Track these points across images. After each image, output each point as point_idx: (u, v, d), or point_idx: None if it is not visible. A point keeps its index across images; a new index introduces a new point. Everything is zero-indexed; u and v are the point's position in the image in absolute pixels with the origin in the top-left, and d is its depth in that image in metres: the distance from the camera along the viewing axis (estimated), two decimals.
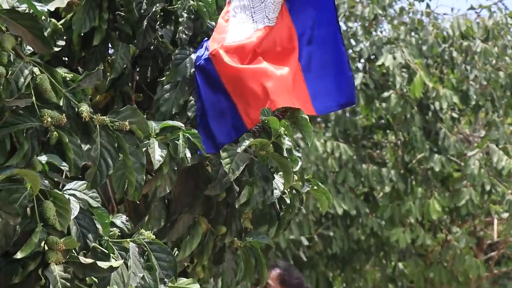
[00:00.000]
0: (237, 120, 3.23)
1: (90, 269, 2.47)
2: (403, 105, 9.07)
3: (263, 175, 3.39)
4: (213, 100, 3.26)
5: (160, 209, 3.35)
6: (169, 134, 3.09)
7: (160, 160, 3.00)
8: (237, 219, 3.56)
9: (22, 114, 2.42)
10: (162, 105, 3.31)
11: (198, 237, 3.43)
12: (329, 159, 9.11)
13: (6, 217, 2.27)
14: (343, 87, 3.37)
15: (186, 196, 3.38)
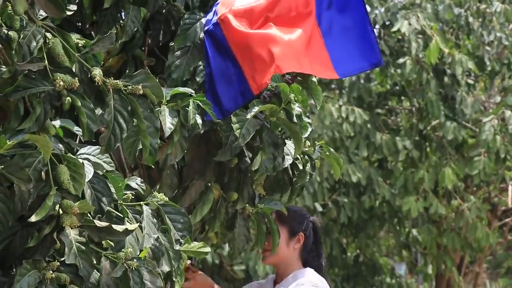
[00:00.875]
0: (243, 86, 3.22)
1: (105, 232, 2.49)
2: (418, 71, 9.01)
3: (273, 141, 3.39)
4: (221, 65, 3.24)
5: (172, 176, 3.36)
6: (180, 101, 3.08)
7: (171, 127, 2.99)
8: (249, 186, 3.56)
9: (34, 78, 2.41)
10: (173, 71, 3.29)
11: (209, 203, 3.44)
12: (344, 124, 9.09)
13: (18, 183, 2.27)
14: (367, 50, 3.34)
15: (198, 162, 3.38)
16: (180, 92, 3.09)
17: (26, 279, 2.33)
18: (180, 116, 3.05)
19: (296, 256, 3.78)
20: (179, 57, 3.31)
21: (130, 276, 2.55)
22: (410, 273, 15.82)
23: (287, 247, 3.75)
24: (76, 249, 2.44)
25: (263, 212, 3.57)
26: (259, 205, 3.57)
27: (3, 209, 2.27)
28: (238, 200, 3.51)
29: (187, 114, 3.04)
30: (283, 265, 3.79)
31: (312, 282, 3.68)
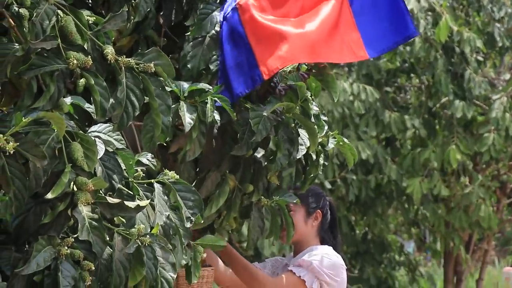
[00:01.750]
0: (254, 70, 3.23)
1: (117, 209, 2.51)
2: (427, 49, 8.98)
3: (288, 137, 3.42)
4: (234, 52, 3.25)
5: (189, 168, 3.38)
6: (198, 97, 3.10)
7: (191, 122, 3.02)
8: (264, 177, 3.58)
9: (47, 56, 2.43)
10: (188, 61, 3.30)
11: (225, 195, 3.46)
12: (355, 102, 9.09)
13: (33, 159, 2.30)
14: (399, 23, 3.31)
15: (214, 154, 3.40)
16: (198, 88, 3.11)
17: (42, 255, 2.36)
18: (198, 112, 3.07)
19: (314, 233, 3.85)
20: (194, 47, 3.31)
21: (143, 252, 2.58)
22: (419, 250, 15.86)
23: (305, 225, 3.82)
24: (89, 225, 2.46)
25: (278, 205, 3.60)
26: (274, 197, 3.60)
27: (19, 186, 2.30)
28: (254, 192, 3.54)
29: (204, 110, 3.07)
30: (301, 243, 3.85)
31: (325, 253, 3.72)
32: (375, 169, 9.39)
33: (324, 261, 3.68)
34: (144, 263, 2.58)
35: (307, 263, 3.65)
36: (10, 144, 2.23)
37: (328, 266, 3.67)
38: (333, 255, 3.76)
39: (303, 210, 3.82)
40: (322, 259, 3.68)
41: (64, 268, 2.39)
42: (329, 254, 3.74)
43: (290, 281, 3.64)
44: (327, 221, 3.90)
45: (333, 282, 3.66)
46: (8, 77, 2.44)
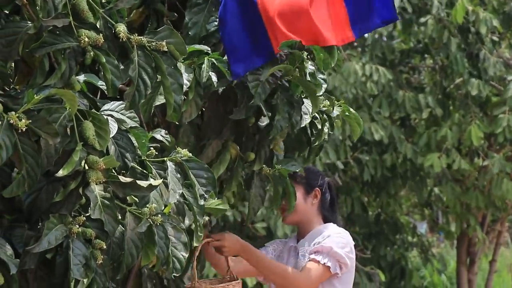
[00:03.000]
0: (266, 43, 3.18)
1: (130, 188, 2.51)
2: (440, 29, 8.91)
3: (288, 100, 3.38)
4: (244, 22, 3.20)
5: (189, 134, 3.36)
6: (196, 58, 3.08)
7: (187, 83, 2.99)
8: (266, 146, 3.55)
9: (59, 34, 2.42)
10: (190, 28, 3.27)
11: (225, 162, 3.43)
12: (368, 83, 9.04)
13: (45, 137, 2.29)
14: (382, 5, 3.29)
15: (216, 121, 3.37)
16: (196, 49, 3.08)
17: (53, 233, 2.37)
18: (195, 74, 3.04)
19: (315, 212, 3.79)
20: (196, 14, 3.28)
21: (154, 231, 2.58)
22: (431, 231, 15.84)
23: (305, 203, 3.76)
24: (101, 204, 2.46)
25: (280, 173, 3.57)
26: (277, 166, 3.58)
27: (32, 163, 2.30)
28: (256, 161, 3.50)
29: (201, 71, 3.04)
30: (303, 223, 3.80)
31: (337, 232, 3.70)
32: (390, 148, 9.34)
33: (341, 243, 3.65)
34: (156, 242, 2.58)
35: (327, 248, 3.61)
36: (22, 121, 2.23)
37: (345, 245, 3.65)
38: (345, 233, 3.73)
39: (302, 188, 3.74)
40: (339, 241, 3.65)
41: (75, 247, 2.40)
42: (341, 233, 3.70)
43: (319, 272, 3.59)
44: (327, 200, 3.84)
45: (350, 260, 3.65)
46: (21, 55, 2.44)
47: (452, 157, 9.08)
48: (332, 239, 3.65)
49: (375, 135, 8.86)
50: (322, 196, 3.81)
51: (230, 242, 3.56)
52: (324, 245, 3.62)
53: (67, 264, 2.38)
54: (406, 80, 9.86)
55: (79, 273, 2.38)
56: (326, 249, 3.61)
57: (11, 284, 2.33)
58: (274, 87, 3.30)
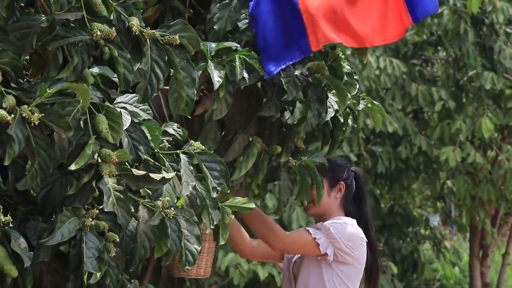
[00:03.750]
0: (303, 40, 3.14)
1: (143, 181, 2.51)
2: (455, 20, 8.86)
3: (318, 97, 3.39)
4: (279, 19, 3.15)
5: (215, 130, 3.37)
6: (225, 56, 3.07)
7: (220, 80, 2.99)
8: (292, 139, 3.57)
9: (72, 28, 2.43)
10: (215, 23, 3.25)
11: (253, 157, 3.44)
12: (381, 76, 9.01)
13: (58, 130, 2.30)
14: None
15: (241, 116, 3.38)
16: (225, 46, 3.08)
17: (67, 226, 2.38)
18: (226, 71, 3.04)
19: (337, 205, 3.80)
20: (221, 8, 3.27)
21: (167, 224, 2.59)
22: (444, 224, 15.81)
23: (329, 197, 3.78)
24: (114, 197, 2.47)
25: (307, 165, 3.58)
26: (302, 157, 3.59)
27: (45, 157, 2.31)
28: (282, 153, 3.52)
29: (232, 69, 3.03)
30: (324, 216, 3.81)
31: (344, 222, 3.69)
32: (404, 141, 9.32)
33: (343, 230, 3.63)
34: (169, 235, 2.59)
35: (325, 227, 3.61)
36: (35, 115, 2.24)
37: (347, 236, 3.62)
38: (354, 226, 3.69)
39: (326, 182, 3.75)
40: (342, 228, 3.64)
41: (88, 239, 2.40)
42: (348, 223, 3.69)
43: (304, 239, 3.60)
44: (351, 193, 3.84)
45: (350, 253, 3.61)
46: (35, 48, 2.44)
47: (466, 151, 9.05)
48: (335, 225, 3.65)
49: (389, 127, 8.85)
50: (346, 189, 3.82)
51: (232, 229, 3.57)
52: (324, 224, 3.63)
53: (81, 257, 2.39)
54: (419, 73, 9.83)
55: (92, 266, 2.39)
56: (324, 228, 3.62)
57: (25, 276, 2.34)
58: (305, 84, 3.30)
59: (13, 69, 2.31)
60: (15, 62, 2.31)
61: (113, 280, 2.48)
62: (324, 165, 3.65)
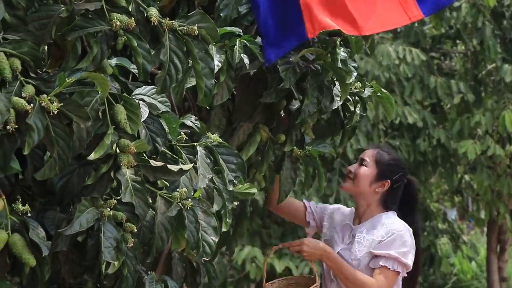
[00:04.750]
0: (300, 27, 3.14)
1: (160, 172, 2.51)
2: (474, 14, 8.81)
3: (318, 85, 3.37)
4: (278, 6, 3.17)
5: (220, 117, 3.36)
6: (228, 40, 3.07)
7: (219, 64, 2.98)
8: (297, 128, 3.54)
9: (91, 18, 2.42)
10: (222, 10, 3.26)
11: (255, 144, 3.43)
12: (401, 66, 8.98)
13: (77, 120, 2.30)
14: None
15: (247, 104, 3.37)
16: (228, 31, 3.07)
17: (85, 215, 2.38)
18: (227, 56, 3.04)
19: (377, 200, 3.73)
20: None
21: (185, 215, 2.59)
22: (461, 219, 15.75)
23: (369, 186, 3.71)
24: (132, 188, 2.47)
25: (311, 154, 3.57)
26: (307, 147, 3.57)
27: (63, 146, 2.31)
28: (286, 142, 3.50)
29: (233, 54, 3.03)
30: (360, 203, 3.76)
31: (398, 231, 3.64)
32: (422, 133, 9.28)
33: (404, 249, 3.60)
34: (186, 226, 2.59)
35: (394, 257, 3.58)
36: (54, 104, 2.24)
37: (409, 252, 3.62)
38: (407, 235, 3.64)
39: (374, 172, 3.71)
40: (401, 247, 3.60)
41: (106, 230, 2.41)
42: (403, 235, 3.63)
43: (390, 277, 3.59)
44: (395, 196, 3.75)
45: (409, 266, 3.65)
46: (53, 38, 2.45)
47: (486, 143, 9.00)
48: (396, 243, 3.61)
49: (408, 119, 8.82)
50: (390, 189, 3.73)
51: (309, 247, 3.60)
52: (391, 254, 3.58)
53: (98, 247, 2.39)
54: (437, 66, 9.78)
55: (110, 256, 2.39)
56: (393, 257, 3.59)
57: (43, 266, 2.35)
58: (305, 71, 3.29)
59: (32, 59, 2.31)
60: (34, 52, 2.31)
61: (130, 271, 2.48)
62: (384, 157, 3.67)
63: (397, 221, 3.68)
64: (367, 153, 3.79)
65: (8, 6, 2.34)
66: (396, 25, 3.25)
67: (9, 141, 2.26)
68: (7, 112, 2.19)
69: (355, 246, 3.67)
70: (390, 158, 3.71)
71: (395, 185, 3.73)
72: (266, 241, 8.69)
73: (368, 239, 3.66)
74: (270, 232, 8.74)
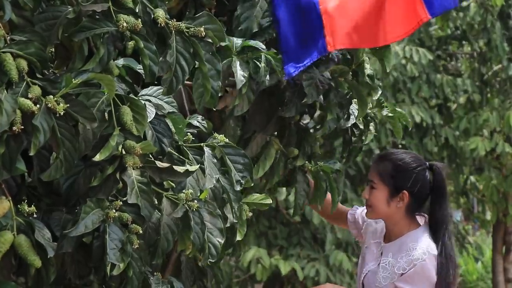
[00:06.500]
0: (320, 40, 3.11)
1: (166, 173, 2.51)
2: (482, 14, 8.80)
3: (339, 101, 3.37)
4: (300, 20, 3.13)
5: (234, 127, 3.36)
6: (250, 53, 3.06)
7: (243, 80, 2.99)
8: (310, 143, 3.55)
9: (98, 19, 2.42)
10: (242, 23, 3.24)
11: (271, 158, 3.43)
12: (407, 65, 8.97)
13: (83, 121, 2.30)
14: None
15: (260, 115, 3.37)
16: (250, 45, 3.07)
17: (90, 217, 2.38)
18: (250, 69, 3.04)
19: (401, 215, 3.38)
20: (248, 9, 3.25)
21: (191, 217, 2.59)
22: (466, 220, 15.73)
23: (388, 206, 3.36)
24: (138, 189, 2.47)
25: (322, 170, 3.55)
26: (319, 163, 3.55)
27: (69, 148, 2.31)
28: (299, 156, 3.49)
29: (256, 67, 3.03)
30: (388, 223, 3.45)
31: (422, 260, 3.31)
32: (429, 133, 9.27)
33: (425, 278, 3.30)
34: (192, 228, 2.58)
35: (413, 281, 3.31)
36: (60, 105, 2.24)
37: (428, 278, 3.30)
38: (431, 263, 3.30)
39: (385, 190, 3.34)
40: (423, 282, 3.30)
41: (112, 231, 2.41)
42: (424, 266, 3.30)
43: None
44: (419, 200, 3.38)
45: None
46: (60, 39, 2.44)
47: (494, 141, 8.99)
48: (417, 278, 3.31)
49: (415, 118, 8.81)
50: (412, 197, 3.36)
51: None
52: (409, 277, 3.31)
53: (104, 248, 2.39)
54: (444, 67, 9.78)
55: (115, 258, 2.39)
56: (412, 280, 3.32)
57: (48, 267, 2.35)
58: (327, 88, 3.28)
59: (39, 60, 2.31)
60: (41, 53, 2.31)
61: (136, 272, 2.48)
62: (386, 170, 3.34)
63: (420, 246, 3.33)
64: (371, 170, 3.44)
65: (15, 6, 2.34)
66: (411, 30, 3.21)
67: (15, 142, 2.26)
68: (13, 113, 2.19)
69: (380, 271, 3.39)
70: (394, 166, 3.34)
71: (415, 189, 3.36)
72: (272, 242, 8.68)
73: (392, 265, 3.36)
74: (276, 233, 8.74)
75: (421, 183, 3.37)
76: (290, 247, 8.62)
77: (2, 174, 2.26)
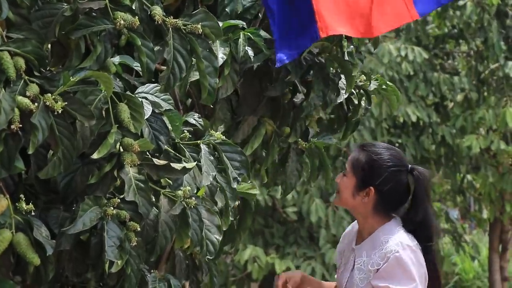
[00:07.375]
0: (312, 27, 3.12)
1: (164, 170, 2.51)
2: (479, 13, 8.81)
3: (323, 78, 3.36)
4: (292, 5, 3.14)
5: (225, 110, 3.36)
6: (231, 34, 3.07)
7: (224, 57, 2.99)
8: (302, 120, 3.54)
9: (95, 17, 2.42)
10: (227, 5, 3.26)
11: (260, 137, 3.43)
12: (403, 63, 8.98)
13: (81, 119, 2.30)
14: None
15: (252, 97, 3.37)
16: (232, 24, 3.07)
17: (88, 214, 2.38)
18: (231, 49, 3.03)
19: (370, 211, 3.13)
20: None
21: (188, 214, 2.59)
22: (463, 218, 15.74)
23: (353, 198, 3.13)
24: (135, 186, 2.47)
25: (316, 146, 3.56)
26: (312, 139, 3.56)
27: (67, 145, 2.31)
28: (291, 134, 3.49)
29: (237, 48, 3.03)
30: (357, 217, 3.21)
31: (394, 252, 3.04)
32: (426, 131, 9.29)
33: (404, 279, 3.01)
34: (190, 225, 2.59)
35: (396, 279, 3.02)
36: (58, 103, 2.24)
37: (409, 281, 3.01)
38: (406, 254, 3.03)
39: (353, 181, 3.12)
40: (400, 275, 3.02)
41: (109, 228, 2.41)
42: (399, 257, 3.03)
43: None
44: (390, 201, 3.12)
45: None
46: (57, 37, 2.44)
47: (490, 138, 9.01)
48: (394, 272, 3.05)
49: (412, 117, 8.82)
50: (380, 196, 3.11)
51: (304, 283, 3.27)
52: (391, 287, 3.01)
53: (102, 246, 2.39)
54: (440, 66, 9.79)
55: (113, 255, 2.39)
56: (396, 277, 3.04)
57: (46, 265, 2.35)
58: (310, 64, 3.29)
59: (36, 58, 2.31)
60: (38, 51, 2.31)
61: (133, 270, 2.48)
62: (359, 162, 3.10)
63: (392, 238, 3.09)
64: (349, 157, 3.22)
65: (12, 4, 2.34)
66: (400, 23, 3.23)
67: (14, 140, 2.26)
68: (12, 112, 2.19)
69: (356, 274, 3.15)
70: (367, 160, 3.11)
71: (383, 188, 3.11)
72: (268, 241, 8.69)
73: (367, 263, 3.12)
74: (273, 232, 8.74)
75: (392, 184, 3.13)
76: (286, 246, 8.63)
77: (1, 172, 2.26)
